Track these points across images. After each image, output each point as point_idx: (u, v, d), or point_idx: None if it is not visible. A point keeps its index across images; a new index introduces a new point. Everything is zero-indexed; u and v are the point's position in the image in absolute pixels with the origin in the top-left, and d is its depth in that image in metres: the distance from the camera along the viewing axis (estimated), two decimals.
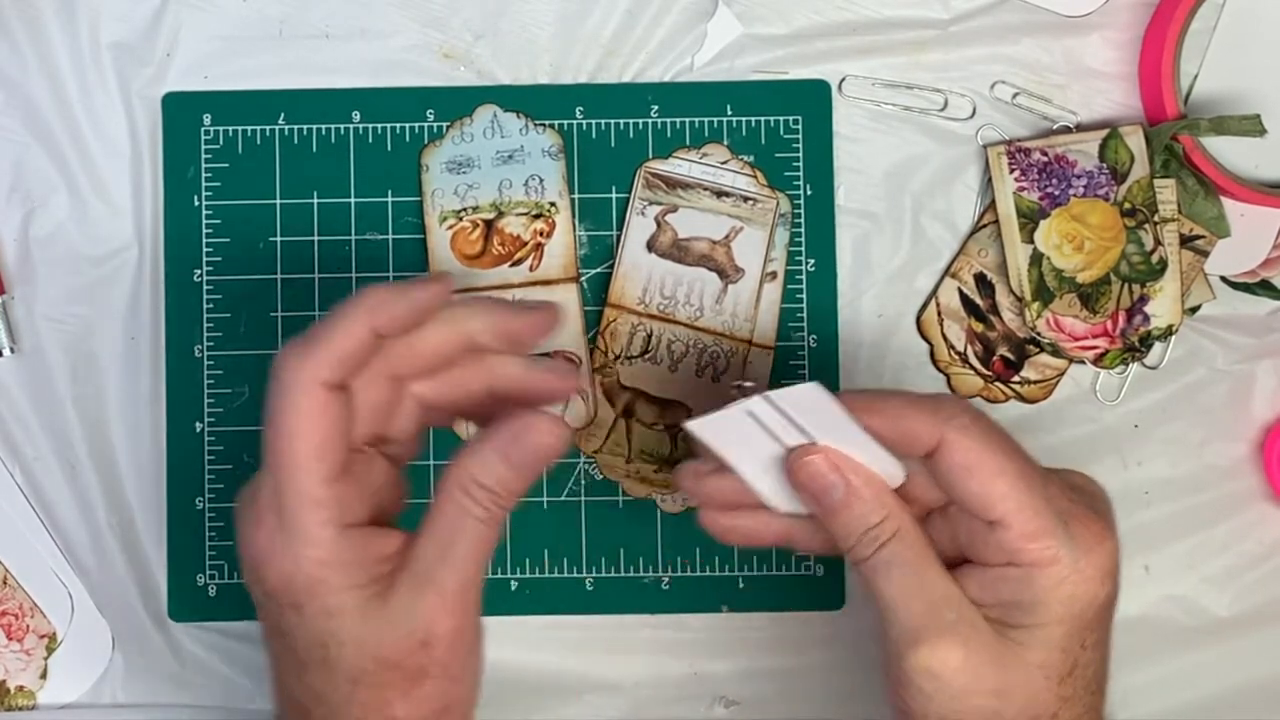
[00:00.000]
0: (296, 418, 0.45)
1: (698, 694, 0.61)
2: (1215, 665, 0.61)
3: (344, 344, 0.46)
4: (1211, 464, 0.62)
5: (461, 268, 0.56)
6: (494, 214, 0.56)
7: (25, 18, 0.61)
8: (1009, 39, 0.61)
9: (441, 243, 0.57)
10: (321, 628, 0.46)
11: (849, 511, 0.48)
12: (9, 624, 0.61)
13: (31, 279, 0.61)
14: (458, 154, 0.56)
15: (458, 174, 0.55)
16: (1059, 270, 0.60)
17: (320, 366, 0.45)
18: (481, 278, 0.58)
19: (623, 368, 0.60)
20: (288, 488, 0.45)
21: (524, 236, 0.57)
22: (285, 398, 0.45)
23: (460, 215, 0.56)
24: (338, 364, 0.46)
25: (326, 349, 0.46)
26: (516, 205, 0.56)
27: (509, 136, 0.55)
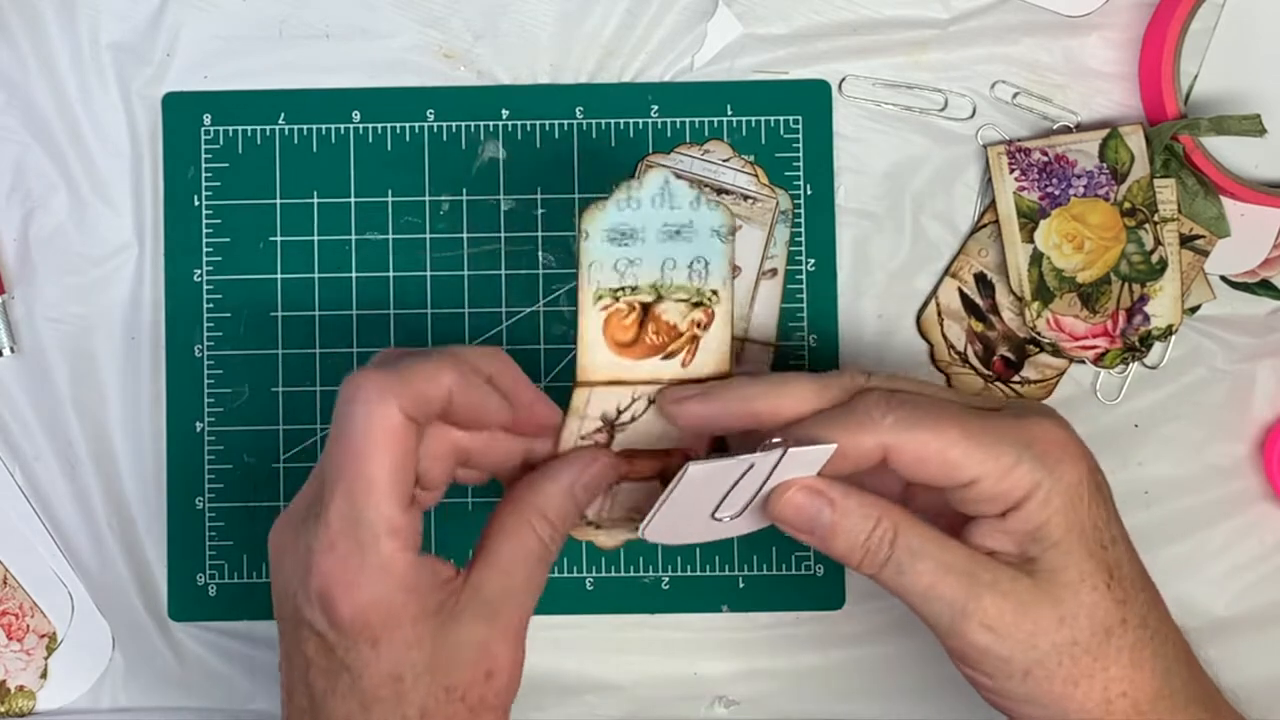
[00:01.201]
0: (379, 440, 0.44)
1: (698, 694, 0.61)
2: (1215, 665, 0.61)
3: (429, 390, 0.46)
4: (1211, 464, 0.62)
5: (611, 356, 0.49)
6: (653, 297, 0.49)
7: (25, 18, 0.61)
8: (1009, 39, 0.61)
9: (594, 325, 0.49)
10: (400, 659, 0.45)
11: (842, 528, 0.48)
12: (9, 624, 0.61)
13: (31, 279, 0.61)
14: (623, 222, 0.48)
15: (620, 245, 0.48)
16: (1059, 270, 0.60)
17: (405, 398, 0.45)
18: (630, 370, 0.49)
19: None
20: (368, 512, 0.44)
21: (680, 326, 0.50)
22: (368, 420, 0.45)
23: (617, 295, 0.48)
24: (419, 401, 0.45)
25: (413, 385, 0.45)
26: (677, 289, 0.49)
27: (679, 208, 0.48)
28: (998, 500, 0.47)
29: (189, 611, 0.61)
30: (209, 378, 0.61)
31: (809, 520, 0.48)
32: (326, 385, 0.61)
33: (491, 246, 0.61)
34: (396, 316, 0.61)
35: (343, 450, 0.45)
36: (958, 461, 0.47)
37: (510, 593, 0.47)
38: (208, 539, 0.61)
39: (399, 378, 0.45)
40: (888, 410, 0.47)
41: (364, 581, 0.44)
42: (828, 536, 0.48)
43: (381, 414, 0.45)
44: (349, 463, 0.45)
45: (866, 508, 0.48)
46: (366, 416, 0.45)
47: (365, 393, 0.45)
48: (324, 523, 0.45)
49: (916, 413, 0.47)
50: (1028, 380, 0.61)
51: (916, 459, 0.47)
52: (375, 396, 0.45)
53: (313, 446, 0.61)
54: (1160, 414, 0.62)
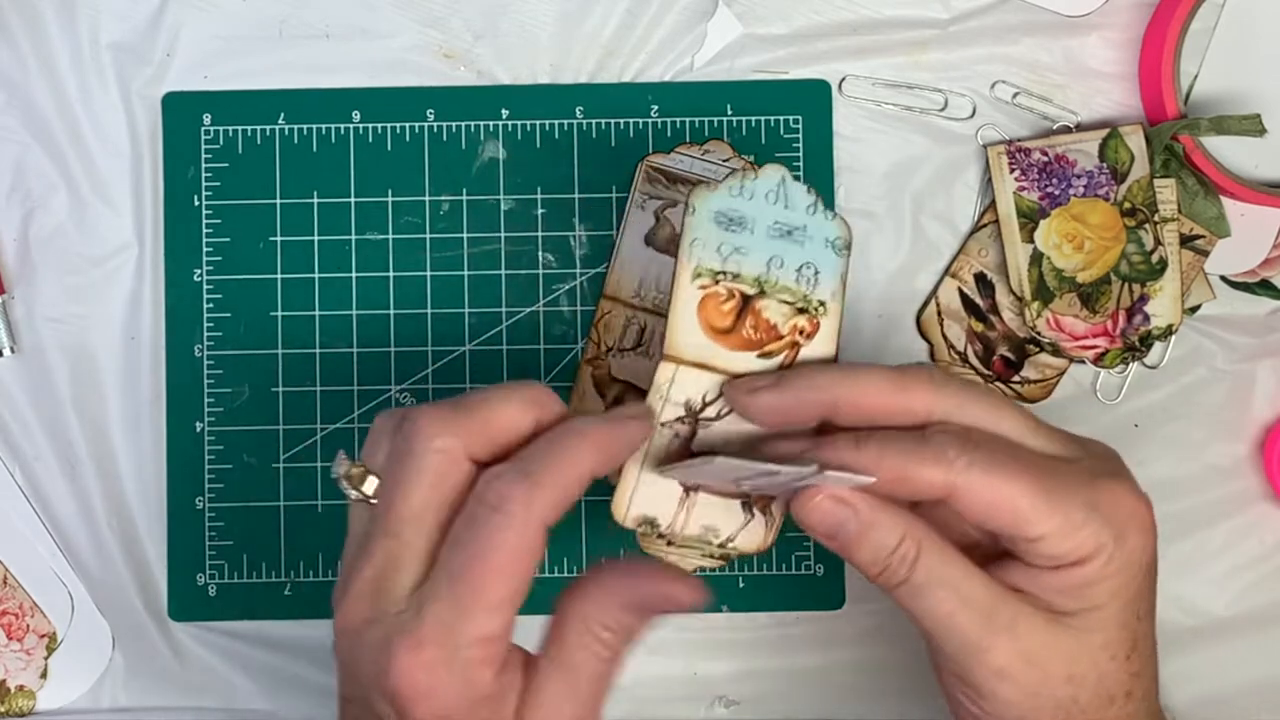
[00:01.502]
0: (511, 556, 0.43)
1: (698, 694, 0.61)
2: (1215, 665, 0.61)
3: (571, 489, 0.44)
4: (1211, 464, 0.62)
5: (704, 339, 0.47)
6: (755, 290, 0.47)
7: (25, 18, 0.61)
8: (1009, 39, 0.61)
9: (689, 302, 0.47)
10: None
11: (866, 540, 0.47)
12: (9, 624, 0.61)
13: (31, 279, 0.61)
14: (732, 208, 0.47)
15: (727, 229, 0.47)
16: (1059, 270, 0.60)
17: (549, 509, 0.43)
18: (721, 358, 0.48)
19: (614, 360, 0.60)
20: (472, 627, 0.43)
21: (781, 328, 0.48)
22: (504, 533, 0.43)
23: (718, 278, 0.47)
24: (563, 506, 0.43)
25: (556, 491, 0.43)
26: (782, 290, 0.48)
27: (794, 210, 0.47)
28: (1057, 558, 0.46)
29: (189, 611, 0.61)
30: (209, 378, 0.61)
31: (833, 526, 0.47)
32: (326, 385, 0.61)
33: (491, 246, 0.61)
34: (396, 316, 0.61)
35: (469, 556, 0.43)
36: (1026, 516, 0.45)
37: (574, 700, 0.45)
38: (208, 539, 0.61)
39: (543, 484, 0.43)
40: (963, 451, 0.45)
41: (445, 693, 0.43)
42: (850, 546, 0.47)
43: (519, 529, 0.43)
44: (471, 572, 0.43)
45: (893, 523, 0.47)
46: (504, 529, 0.43)
47: (510, 503, 0.43)
48: (418, 619, 0.43)
49: (991, 458, 0.45)
50: (1028, 380, 0.61)
51: (985, 506, 0.45)
52: (519, 509, 0.43)
53: (313, 446, 0.61)
54: (1160, 414, 0.62)
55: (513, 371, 0.61)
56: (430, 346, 0.61)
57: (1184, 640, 0.61)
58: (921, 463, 0.45)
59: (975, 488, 0.45)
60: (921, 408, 0.47)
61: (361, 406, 0.61)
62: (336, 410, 0.61)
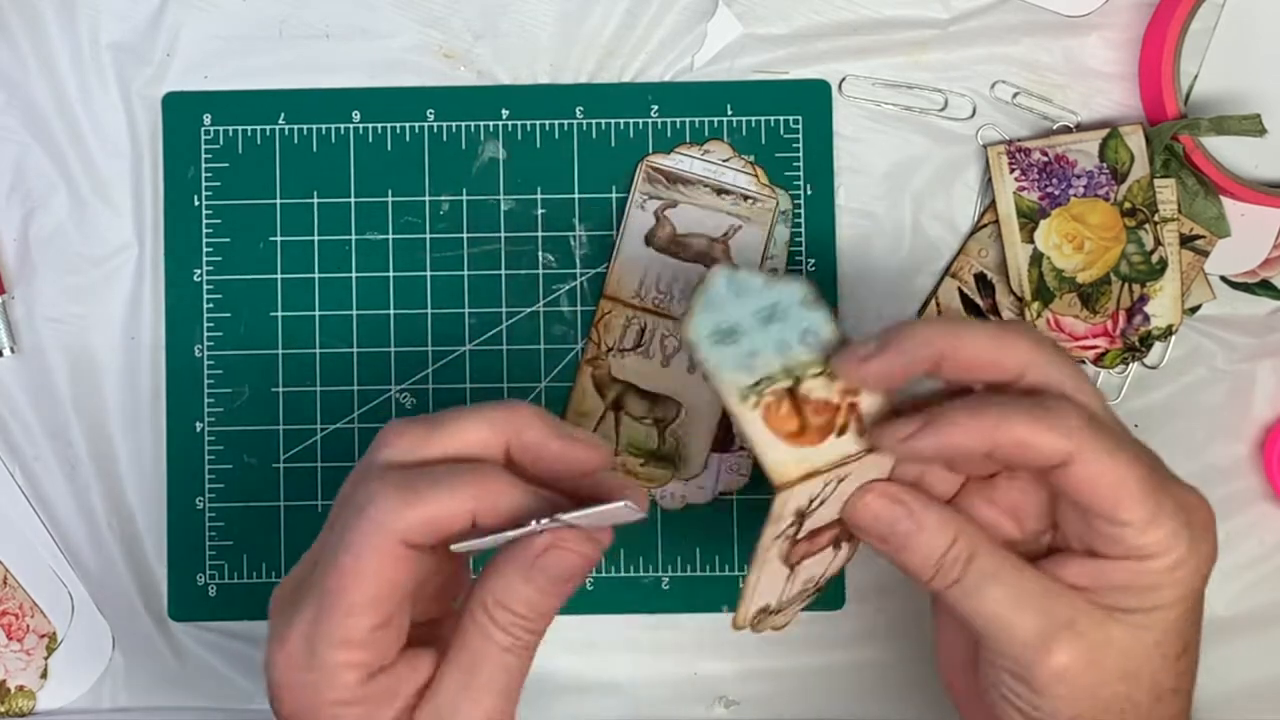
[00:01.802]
0: (365, 564, 0.43)
1: (698, 694, 0.61)
2: (1215, 665, 0.61)
3: (441, 518, 0.43)
4: (1211, 464, 0.62)
5: (791, 450, 0.45)
6: (790, 380, 0.46)
7: (25, 18, 0.61)
8: (1009, 39, 0.61)
9: (757, 426, 0.46)
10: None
11: (918, 541, 0.46)
12: (9, 624, 0.61)
13: (31, 279, 0.61)
14: (719, 322, 0.46)
15: (729, 344, 0.46)
16: (1059, 270, 0.60)
17: (415, 526, 0.43)
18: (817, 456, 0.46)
19: (614, 360, 0.60)
20: (328, 629, 0.43)
21: (833, 399, 0.46)
22: (363, 541, 0.43)
23: (760, 391, 0.46)
24: (431, 530, 0.43)
25: (426, 510, 0.43)
26: (808, 365, 0.46)
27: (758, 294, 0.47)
28: (1132, 548, 0.45)
29: (189, 611, 0.61)
30: (209, 378, 0.61)
31: (885, 527, 0.47)
32: (326, 385, 0.61)
33: (491, 246, 0.61)
34: (396, 316, 0.61)
35: (330, 558, 0.43)
36: (1125, 498, 0.44)
37: (470, 694, 0.44)
38: (208, 539, 0.61)
39: (413, 503, 0.43)
40: (1084, 424, 0.45)
41: (305, 689, 0.43)
42: (902, 547, 0.46)
43: (378, 542, 0.43)
44: (330, 575, 0.43)
45: (945, 524, 0.46)
46: (363, 537, 0.43)
47: (374, 510, 0.43)
48: (288, 619, 0.44)
49: (1108, 434, 0.45)
50: None
51: (1094, 481, 0.44)
52: (381, 519, 0.43)
53: (313, 446, 0.61)
54: (1160, 414, 0.62)
55: (513, 372, 0.61)
56: (430, 346, 0.61)
57: None
58: (1043, 430, 0.44)
59: (1090, 461, 0.44)
60: (1015, 364, 0.46)
61: (361, 406, 0.61)
62: (336, 410, 0.61)
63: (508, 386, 0.61)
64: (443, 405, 0.61)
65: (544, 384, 0.61)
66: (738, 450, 0.60)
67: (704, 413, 0.60)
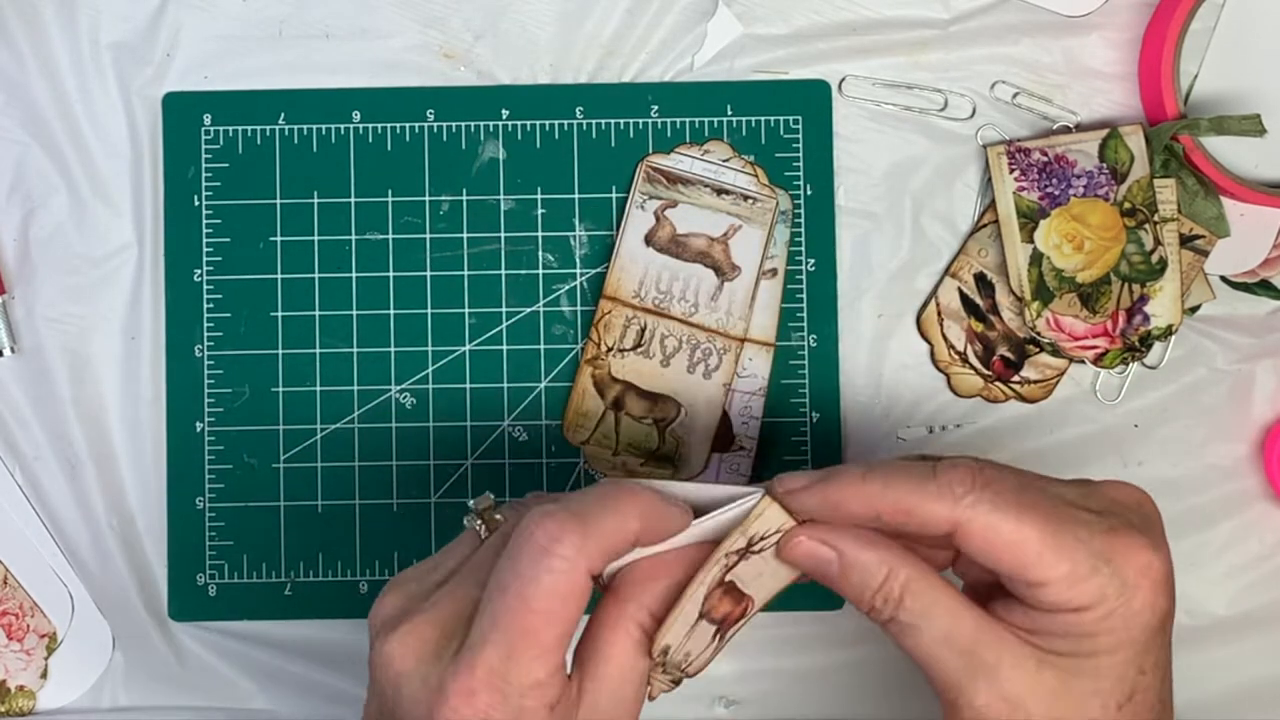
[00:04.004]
0: (558, 602, 0.43)
1: (698, 694, 0.61)
2: (1215, 665, 0.61)
3: (617, 542, 0.44)
4: (1211, 464, 0.62)
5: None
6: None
7: (25, 18, 0.61)
8: (1009, 39, 0.61)
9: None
10: None
11: (849, 579, 0.47)
12: (9, 624, 0.61)
13: (31, 279, 0.61)
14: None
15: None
16: (1059, 270, 0.60)
17: (597, 557, 0.43)
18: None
19: (614, 360, 0.60)
20: (523, 673, 0.43)
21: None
22: (555, 580, 0.43)
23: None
24: (608, 557, 0.44)
25: (604, 540, 0.44)
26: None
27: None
28: (1059, 605, 0.45)
29: (189, 611, 0.61)
30: (209, 378, 0.61)
31: (816, 566, 0.47)
32: (326, 385, 0.61)
33: (491, 246, 0.61)
34: (396, 316, 0.61)
35: (516, 600, 0.43)
36: (1031, 560, 0.44)
37: (624, 702, 0.45)
38: (208, 539, 0.61)
39: (593, 531, 0.43)
40: (971, 488, 0.45)
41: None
42: (835, 583, 0.47)
43: (568, 574, 0.43)
44: (519, 616, 0.43)
45: (876, 563, 0.46)
46: (552, 573, 0.43)
47: (560, 546, 0.43)
48: (468, 665, 0.43)
49: (999, 497, 0.45)
50: (1028, 380, 0.61)
51: (989, 545, 0.45)
52: (569, 552, 0.43)
53: (313, 446, 0.61)
54: (1160, 414, 0.62)
55: (513, 372, 0.61)
56: (430, 346, 0.61)
57: (1184, 640, 0.61)
58: (926, 497, 0.45)
59: (980, 527, 0.45)
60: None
61: (361, 406, 0.61)
62: (336, 410, 0.61)
63: (508, 386, 0.61)
64: (443, 405, 0.61)
65: (544, 384, 0.61)
66: (737, 450, 0.61)
67: (704, 413, 0.60)
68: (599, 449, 0.60)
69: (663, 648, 0.47)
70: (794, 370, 0.61)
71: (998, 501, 0.45)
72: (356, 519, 0.61)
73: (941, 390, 0.61)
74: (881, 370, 0.61)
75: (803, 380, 0.61)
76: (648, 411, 0.60)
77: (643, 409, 0.60)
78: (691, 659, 0.47)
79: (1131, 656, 0.45)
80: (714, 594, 0.47)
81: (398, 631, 0.45)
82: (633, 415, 0.60)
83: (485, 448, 0.61)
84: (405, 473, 0.61)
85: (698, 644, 0.47)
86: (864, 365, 0.61)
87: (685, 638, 0.47)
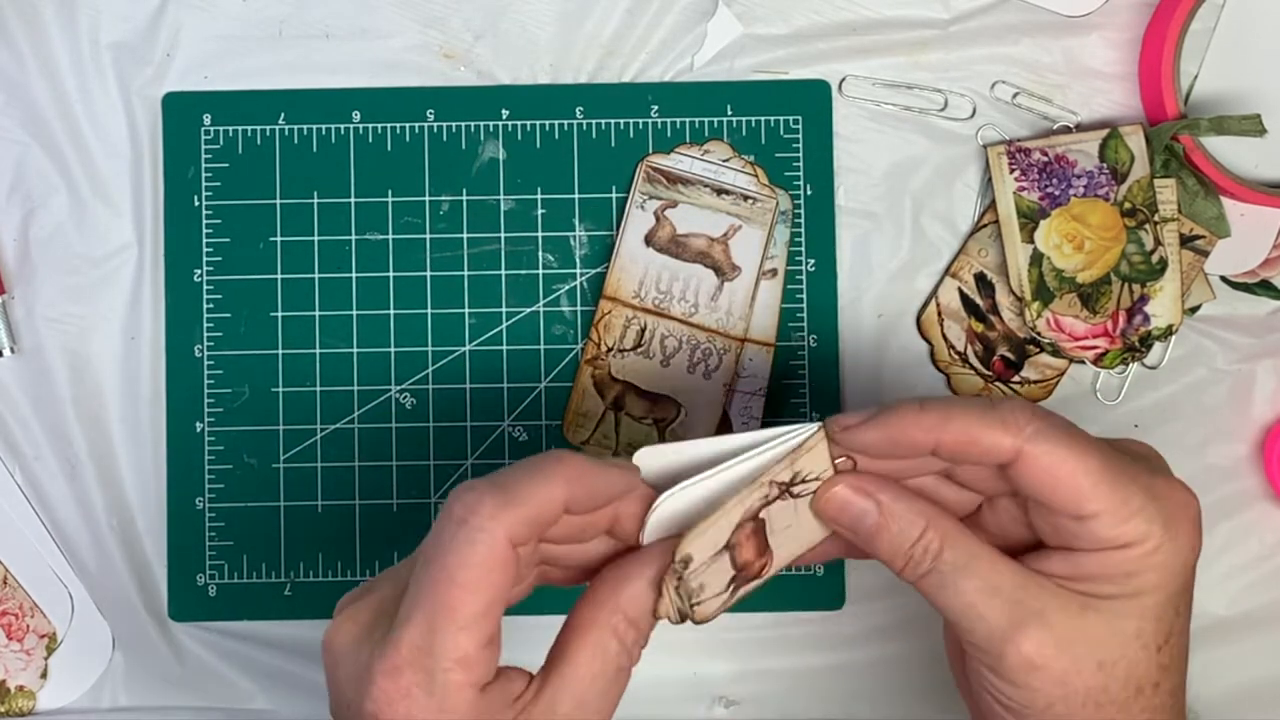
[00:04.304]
0: (479, 573, 0.42)
1: (698, 694, 0.61)
2: (1216, 665, 0.61)
3: (542, 508, 0.43)
4: (1211, 464, 0.62)
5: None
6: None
7: (25, 18, 0.61)
8: (1009, 39, 0.61)
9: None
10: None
11: (888, 531, 0.47)
12: (9, 624, 0.61)
13: (31, 279, 0.61)
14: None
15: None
16: (1059, 270, 0.60)
17: (518, 524, 0.43)
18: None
19: (614, 360, 0.60)
20: (446, 647, 0.42)
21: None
22: (471, 547, 0.42)
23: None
24: (532, 525, 0.43)
25: (526, 508, 0.43)
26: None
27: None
28: (1106, 540, 0.45)
29: (189, 611, 0.61)
30: (209, 378, 0.61)
31: (853, 519, 0.47)
32: (326, 385, 0.61)
33: (491, 246, 0.61)
34: (396, 316, 0.61)
35: (436, 573, 0.42)
36: (1087, 490, 0.45)
37: (586, 708, 0.44)
38: (208, 539, 0.61)
39: (513, 499, 0.43)
40: (1033, 419, 0.45)
41: (420, 714, 0.42)
42: (871, 537, 0.47)
43: (487, 543, 0.42)
44: (440, 589, 0.42)
45: (914, 514, 0.46)
46: (470, 543, 0.42)
47: (477, 516, 0.42)
48: (393, 643, 0.42)
49: (1059, 431, 0.45)
50: (1028, 380, 0.61)
51: (1047, 475, 0.45)
52: (486, 522, 0.42)
53: (313, 446, 0.61)
54: (1160, 414, 0.62)
55: (513, 372, 0.61)
56: (430, 346, 0.61)
57: None
58: (990, 426, 0.45)
59: (1041, 457, 0.45)
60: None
61: (361, 406, 0.61)
62: (336, 410, 0.61)
63: (508, 386, 0.61)
64: (443, 405, 0.61)
65: (544, 384, 0.61)
66: None
67: (704, 413, 0.60)
68: (599, 449, 0.60)
69: (685, 557, 0.45)
70: (794, 370, 0.61)
71: (1057, 435, 0.45)
72: (356, 519, 0.61)
73: (941, 390, 0.61)
74: (881, 370, 0.61)
75: (803, 380, 0.61)
76: (648, 411, 0.60)
77: (643, 409, 0.60)
78: (703, 596, 0.47)
79: (1171, 596, 0.46)
80: (744, 528, 0.46)
81: (339, 615, 0.45)
82: (633, 415, 0.60)
83: (485, 448, 0.61)
84: (405, 473, 0.61)
85: (713, 581, 0.47)
86: (864, 365, 0.61)
87: (705, 564, 0.46)
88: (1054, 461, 0.45)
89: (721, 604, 0.48)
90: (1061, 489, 0.45)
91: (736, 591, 0.48)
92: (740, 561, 0.47)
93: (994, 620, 0.45)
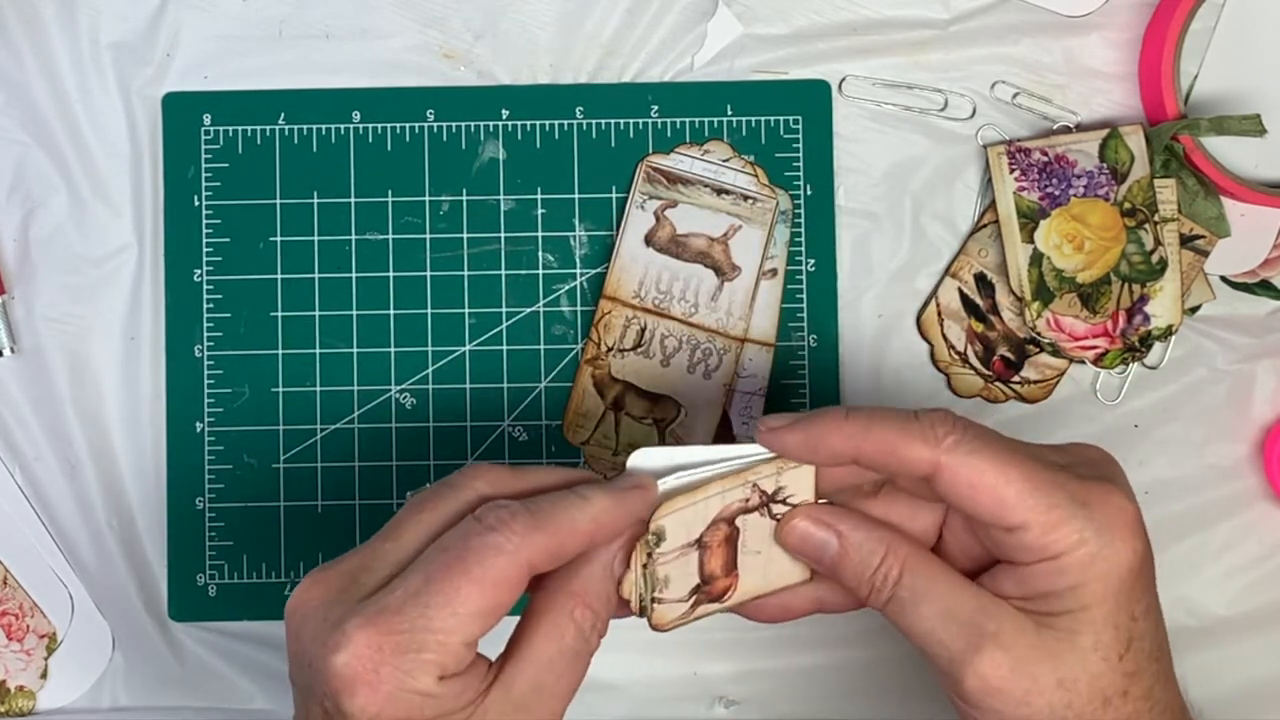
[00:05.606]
0: (493, 576, 0.43)
1: (698, 694, 0.61)
2: (1215, 665, 0.61)
3: (564, 545, 0.44)
4: (1211, 464, 0.62)
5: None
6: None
7: (25, 18, 0.61)
8: (1009, 39, 0.61)
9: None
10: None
11: (849, 561, 0.47)
12: (9, 624, 0.61)
13: (31, 279, 0.61)
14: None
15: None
16: (1059, 270, 0.60)
17: (540, 553, 0.44)
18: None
19: (614, 360, 0.60)
20: (436, 626, 0.42)
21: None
22: (496, 554, 0.43)
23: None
24: (552, 558, 0.44)
25: (554, 540, 0.44)
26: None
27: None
28: (1038, 551, 0.45)
29: (189, 611, 0.61)
30: (209, 378, 0.61)
31: (815, 549, 0.48)
32: (326, 385, 0.61)
33: (491, 246, 0.61)
34: (396, 317, 0.61)
35: (454, 560, 0.43)
36: (1010, 502, 0.45)
37: (542, 691, 0.45)
38: (208, 539, 0.61)
39: (543, 527, 0.44)
40: (952, 430, 0.45)
41: (384, 684, 0.42)
42: (835, 567, 0.48)
43: (510, 556, 0.43)
44: (453, 574, 0.43)
45: (874, 541, 0.47)
46: (496, 550, 0.43)
47: (508, 529, 0.43)
48: (378, 606, 0.43)
49: (980, 442, 0.45)
50: (1028, 380, 0.61)
51: (968, 487, 0.45)
52: (514, 538, 0.43)
53: (313, 446, 0.61)
54: (1160, 414, 0.62)
55: (513, 372, 0.61)
56: (430, 346, 0.61)
57: (1185, 640, 0.61)
58: (909, 437, 0.45)
59: (960, 469, 0.45)
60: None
61: (361, 406, 0.61)
62: (336, 410, 0.61)
63: (508, 386, 0.61)
64: (443, 405, 0.61)
65: (544, 384, 0.61)
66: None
67: (704, 413, 0.60)
68: (599, 449, 0.60)
69: (658, 530, 0.46)
70: (794, 370, 0.61)
71: (978, 445, 0.45)
72: (356, 519, 0.61)
73: (941, 390, 0.61)
74: (881, 370, 0.61)
75: (803, 380, 0.61)
76: (648, 412, 0.60)
77: (643, 409, 0.60)
78: (665, 593, 0.47)
79: (1121, 603, 0.46)
80: (719, 529, 0.47)
81: (305, 580, 0.45)
82: (633, 415, 0.60)
83: (485, 448, 0.61)
84: (405, 473, 0.61)
85: (678, 580, 0.47)
86: (864, 365, 0.61)
87: (675, 554, 0.47)
88: (973, 474, 0.45)
89: (679, 615, 0.48)
90: (983, 500, 0.45)
91: (696, 609, 0.48)
92: (707, 571, 0.48)
93: (952, 645, 0.46)
